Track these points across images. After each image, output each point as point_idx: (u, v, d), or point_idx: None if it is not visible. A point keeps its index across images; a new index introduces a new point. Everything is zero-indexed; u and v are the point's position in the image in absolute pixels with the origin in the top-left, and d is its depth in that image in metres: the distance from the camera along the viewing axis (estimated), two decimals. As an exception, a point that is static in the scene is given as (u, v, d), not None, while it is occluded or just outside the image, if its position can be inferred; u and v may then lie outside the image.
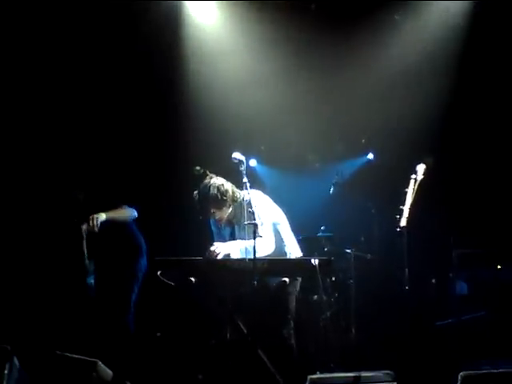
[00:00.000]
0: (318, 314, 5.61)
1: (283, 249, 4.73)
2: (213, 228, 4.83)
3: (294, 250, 4.79)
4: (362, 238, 6.40)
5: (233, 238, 4.67)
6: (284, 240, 4.73)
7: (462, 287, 5.43)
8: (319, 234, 6.28)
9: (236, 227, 4.73)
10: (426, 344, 5.09)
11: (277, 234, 4.67)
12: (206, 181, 4.64)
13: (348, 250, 6.04)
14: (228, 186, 4.65)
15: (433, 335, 5.36)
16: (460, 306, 5.31)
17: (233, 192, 4.66)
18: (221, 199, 4.60)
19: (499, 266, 5.30)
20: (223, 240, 4.66)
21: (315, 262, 4.39)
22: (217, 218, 4.70)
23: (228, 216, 4.70)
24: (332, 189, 6.54)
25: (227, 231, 4.76)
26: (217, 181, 4.64)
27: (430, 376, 4.60)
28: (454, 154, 6.67)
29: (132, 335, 4.89)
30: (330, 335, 5.39)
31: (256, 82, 6.84)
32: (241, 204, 4.64)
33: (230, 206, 4.67)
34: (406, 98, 6.85)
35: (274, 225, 4.68)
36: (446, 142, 6.73)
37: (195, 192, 4.65)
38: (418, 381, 4.36)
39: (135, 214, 5.10)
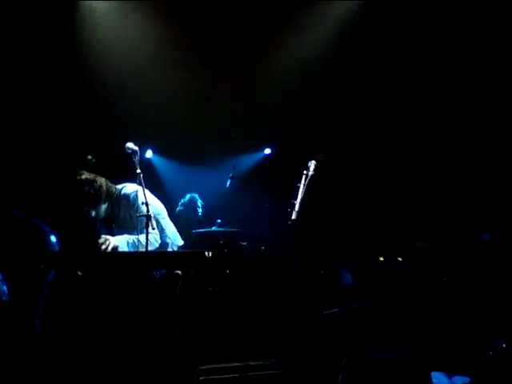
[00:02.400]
0: (212, 306, 5.66)
1: (164, 239, 4.69)
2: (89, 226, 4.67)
3: (175, 240, 4.78)
4: (257, 231, 6.53)
5: (111, 235, 4.51)
6: (165, 230, 4.70)
7: (347, 278, 5.66)
8: (214, 228, 6.34)
9: (114, 223, 4.60)
10: (313, 332, 5.28)
11: (157, 224, 4.58)
12: (77, 177, 4.44)
13: (243, 243, 6.14)
14: (101, 181, 4.49)
15: (320, 324, 5.56)
16: (346, 295, 5.55)
17: (107, 187, 4.50)
18: (94, 195, 4.43)
19: (381, 258, 5.58)
20: None
21: (209, 254, 4.40)
22: (93, 215, 4.51)
23: (106, 213, 4.56)
24: (228, 182, 6.61)
25: (103, 231, 4.59)
26: (88, 176, 4.46)
27: (316, 363, 4.78)
28: (346, 151, 6.95)
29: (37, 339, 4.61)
30: (223, 326, 5.45)
31: (155, 72, 6.78)
32: (118, 199, 4.51)
33: (105, 202, 4.51)
34: (304, 95, 7.04)
35: (154, 216, 4.62)
36: (338, 140, 6.99)
37: (65, 190, 4.45)
38: (305, 368, 4.52)
39: None
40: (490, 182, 6.12)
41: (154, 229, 4.26)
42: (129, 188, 4.56)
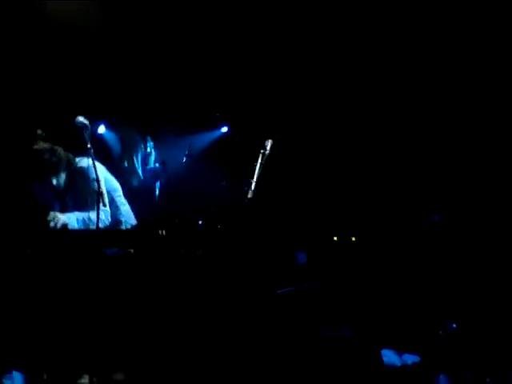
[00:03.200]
0: (166, 285, 5.60)
1: (118, 217, 4.66)
2: (40, 202, 4.59)
3: (128, 219, 4.73)
4: (213, 210, 6.46)
5: (64, 210, 4.46)
6: (119, 208, 4.64)
7: (301, 257, 5.68)
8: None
9: (68, 198, 4.53)
10: (268, 310, 5.29)
11: (112, 202, 4.57)
12: (35, 146, 4.38)
13: (199, 222, 6.07)
14: (60, 149, 4.47)
15: (275, 302, 5.58)
16: (300, 274, 5.57)
17: (66, 156, 4.47)
18: (56, 163, 4.40)
19: (335, 238, 5.63)
20: None
21: (163, 232, 4.34)
22: (54, 184, 4.46)
23: (64, 184, 4.49)
24: (184, 160, 6.52)
25: (57, 205, 4.53)
26: (46, 145, 4.42)
27: (272, 340, 4.80)
28: (304, 129, 6.93)
29: None
30: (178, 306, 5.41)
31: (108, 46, 6.60)
32: (75, 171, 4.46)
33: (64, 170, 4.46)
34: (262, 72, 6.98)
35: (109, 192, 4.55)
36: (296, 119, 6.97)
37: (25, 158, 4.40)
38: (259, 346, 4.53)
39: None
40: (439, 165, 6.21)
41: (105, 206, 4.20)
42: (85, 161, 4.43)
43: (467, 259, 5.46)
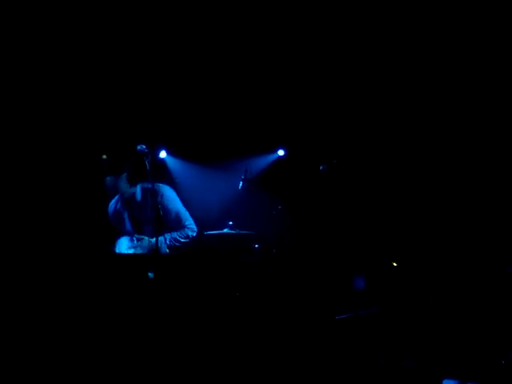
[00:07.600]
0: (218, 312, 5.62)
1: None
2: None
3: None
4: (270, 234, 6.46)
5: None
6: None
7: (360, 283, 5.61)
8: (226, 230, 6.28)
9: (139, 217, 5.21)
10: (326, 337, 5.24)
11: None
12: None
13: (255, 246, 6.10)
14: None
15: (333, 329, 5.52)
16: (358, 300, 5.50)
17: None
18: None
19: (395, 264, 5.54)
20: None
21: None
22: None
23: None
24: (241, 184, 6.56)
25: (128, 223, 5.20)
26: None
27: (327, 368, 4.75)
28: (361, 153, 6.88)
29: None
30: (234, 328, 5.42)
31: (168, 72, 6.78)
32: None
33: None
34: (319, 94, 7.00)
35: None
36: (353, 144, 6.93)
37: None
38: (318, 372, 4.50)
39: None
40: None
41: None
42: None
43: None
